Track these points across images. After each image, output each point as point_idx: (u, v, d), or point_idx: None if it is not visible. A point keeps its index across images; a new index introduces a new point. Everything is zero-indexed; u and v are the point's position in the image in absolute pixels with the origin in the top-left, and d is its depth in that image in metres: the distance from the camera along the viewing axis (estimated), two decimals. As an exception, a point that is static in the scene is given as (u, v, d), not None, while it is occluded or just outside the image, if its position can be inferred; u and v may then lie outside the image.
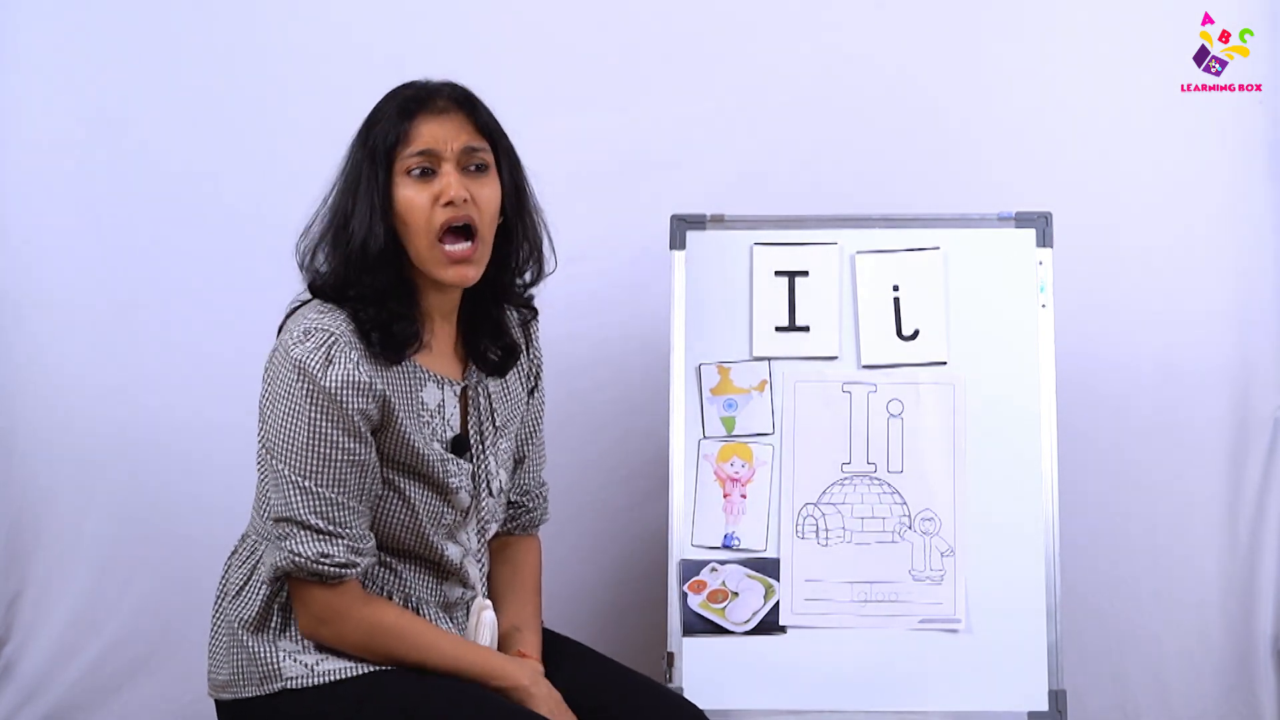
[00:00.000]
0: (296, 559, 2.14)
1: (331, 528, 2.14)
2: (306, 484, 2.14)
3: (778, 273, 2.71)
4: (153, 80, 3.08)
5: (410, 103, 2.22)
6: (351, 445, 2.15)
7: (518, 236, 2.30)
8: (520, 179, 2.30)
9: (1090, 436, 3.05)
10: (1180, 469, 3.09)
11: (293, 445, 2.14)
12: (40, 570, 3.11)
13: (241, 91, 3.07)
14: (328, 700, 2.18)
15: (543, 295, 2.43)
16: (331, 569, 2.14)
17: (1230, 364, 3.09)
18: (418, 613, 2.25)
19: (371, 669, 2.19)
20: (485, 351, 2.32)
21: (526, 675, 2.23)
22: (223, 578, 2.29)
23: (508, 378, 2.37)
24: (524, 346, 2.41)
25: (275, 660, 2.19)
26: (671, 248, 2.72)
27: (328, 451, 2.14)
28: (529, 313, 2.40)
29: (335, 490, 2.14)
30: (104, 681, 3.09)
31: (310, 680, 2.19)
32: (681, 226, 2.73)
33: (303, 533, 2.14)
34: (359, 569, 2.16)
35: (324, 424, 2.13)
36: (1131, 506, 3.10)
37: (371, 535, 2.20)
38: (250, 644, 2.21)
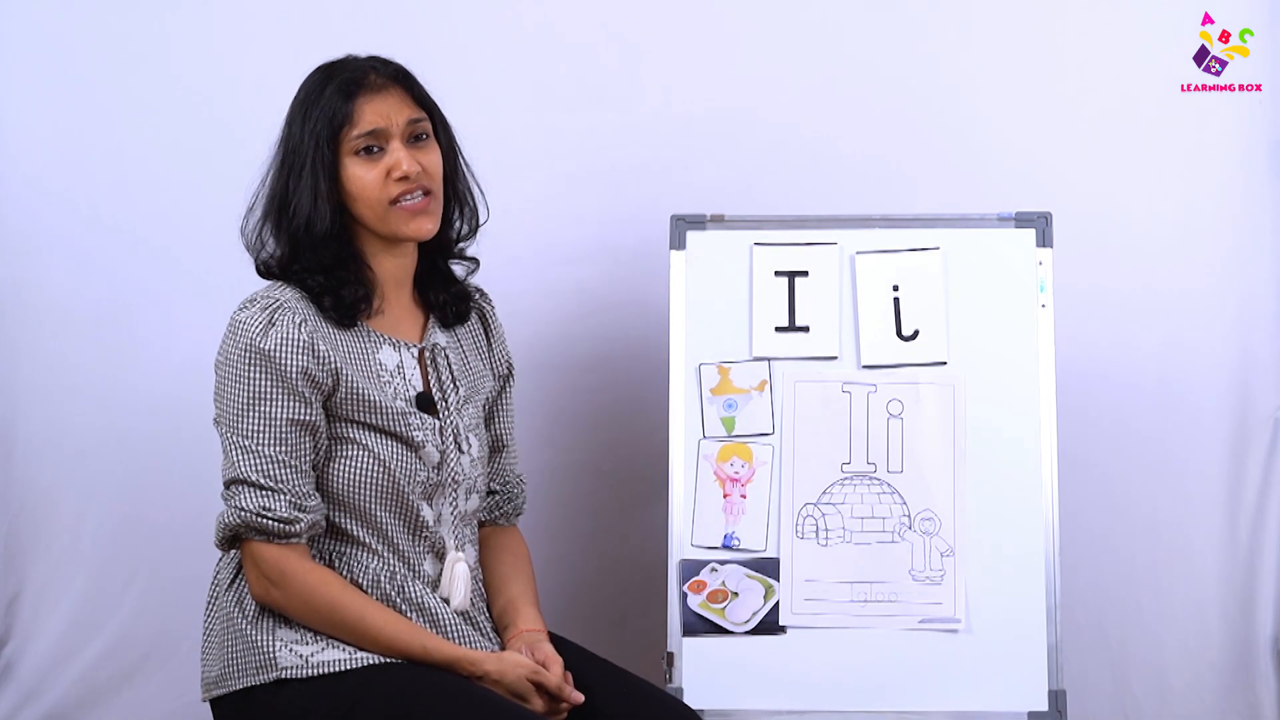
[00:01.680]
0: (242, 513, 2.18)
1: (274, 484, 2.18)
2: (248, 443, 2.19)
3: (778, 273, 2.71)
4: (153, 79, 3.08)
5: (350, 84, 2.28)
6: (293, 405, 2.19)
7: (456, 193, 2.38)
8: (453, 140, 2.39)
9: (1090, 436, 3.05)
10: (1180, 469, 3.09)
11: (236, 407, 2.20)
12: (40, 570, 3.11)
13: (242, 91, 3.07)
14: (323, 692, 2.19)
15: (543, 295, 2.43)
16: (275, 523, 2.18)
17: (1230, 364, 3.09)
18: (402, 591, 2.26)
19: (368, 662, 2.20)
20: (443, 303, 2.38)
21: (490, 664, 2.23)
22: (214, 579, 2.30)
23: (466, 353, 2.41)
24: (484, 333, 2.46)
25: (271, 649, 2.20)
26: (671, 248, 2.72)
27: (268, 410, 2.19)
28: (471, 264, 2.45)
29: (277, 449, 2.19)
30: (104, 681, 3.09)
31: (305, 671, 2.19)
32: (681, 226, 2.73)
33: (247, 490, 2.19)
34: (302, 524, 2.19)
35: (264, 384, 2.19)
36: (1131, 506, 3.10)
37: (317, 495, 2.22)
38: (248, 632, 2.22)
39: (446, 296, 2.39)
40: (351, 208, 2.28)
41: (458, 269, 2.43)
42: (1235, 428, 3.09)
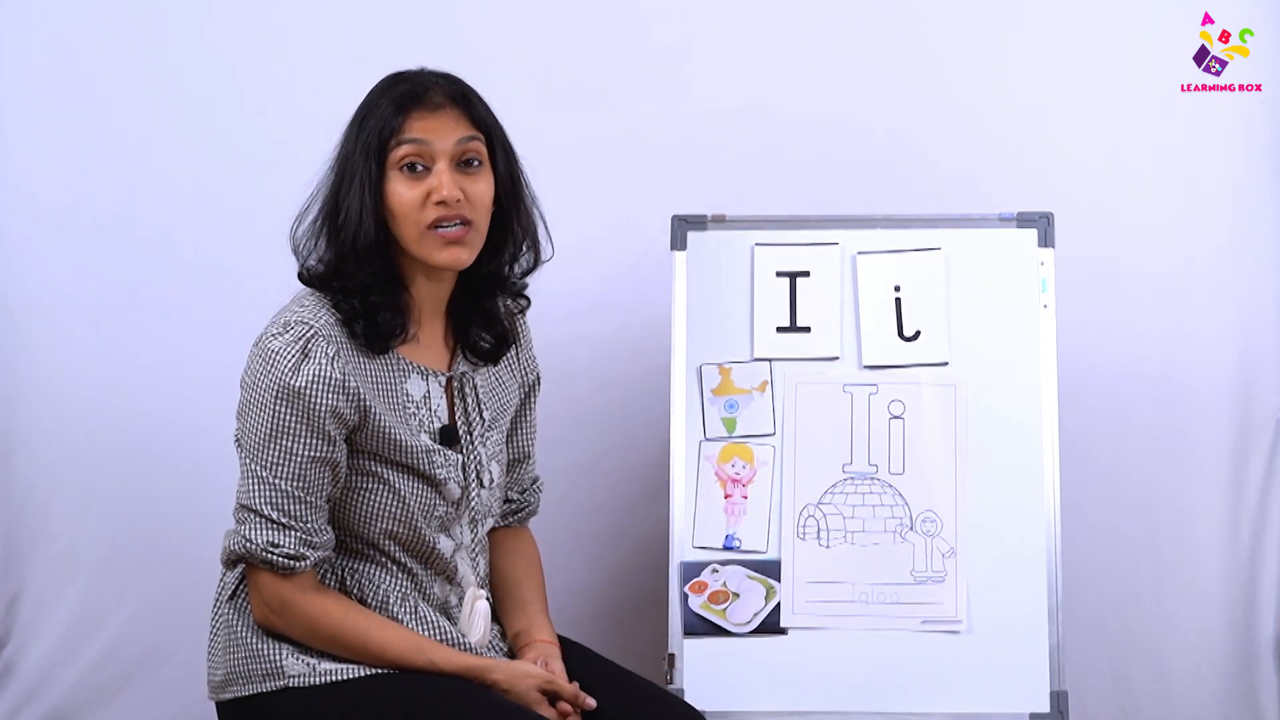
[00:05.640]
0: (248, 544, 2.17)
1: (286, 520, 2.16)
2: (265, 474, 2.16)
3: (779, 273, 2.71)
4: (153, 80, 3.07)
5: (406, 98, 2.21)
6: (315, 443, 2.16)
7: (513, 226, 2.30)
8: (515, 169, 2.30)
9: (1091, 437, 3.05)
10: (1181, 469, 3.09)
11: (258, 437, 2.16)
12: (40, 570, 3.11)
13: (242, 93, 3.07)
14: (329, 699, 2.18)
15: (543, 296, 2.42)
16: (280, 559, 2.16)
17: (1232, 364, 3.09)
18: (415, 612, 2.25)
19: (374, 670, 2.20)
20: (477, 341, 2.33)
21: (500, 672, 2.23)
22: (220, 581, 2.29)
23: (498, 369, 2.37)
24: (515, 342, 2.41)
25: (279, 657, 2.20)
26: (672, 248, 2.72)
27: (290, 446, 2.15)
28: (524, 302, 2.40)
29: (294, 485, 2.16)
30: (104, 682, 3.09)
31: (312, 679, 2.19)
32: (682, 226, 2.73)
33: (257, 520, 2.16)
34: (309, 562, 2.18)
35: (290, 419, 2.15)
36: (1133, 507, 3.10)
37: (329, 530, 2.21)
38: (253, 642, 2.21)
39: (484, 339, 2.33)
40: (392, 226, 2.21)
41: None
42: (1237, 428, 3.09)
